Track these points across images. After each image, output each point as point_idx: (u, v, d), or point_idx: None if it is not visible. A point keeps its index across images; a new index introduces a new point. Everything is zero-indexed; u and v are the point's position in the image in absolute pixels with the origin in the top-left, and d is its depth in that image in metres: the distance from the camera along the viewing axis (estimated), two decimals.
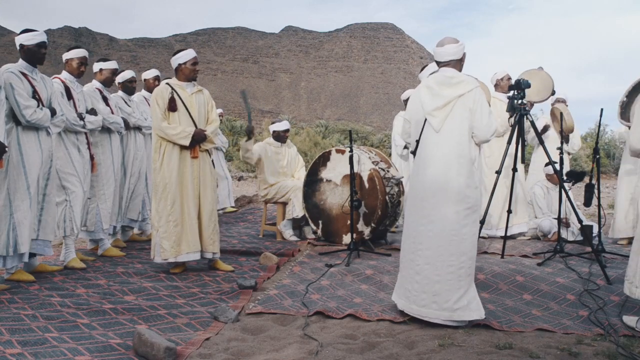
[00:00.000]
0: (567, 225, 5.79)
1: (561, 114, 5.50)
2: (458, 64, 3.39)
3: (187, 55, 4.45)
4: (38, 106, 3.98)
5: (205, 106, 4.54)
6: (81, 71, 4.69)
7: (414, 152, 3.47)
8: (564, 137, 6.05)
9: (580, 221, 4.75)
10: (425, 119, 3.34)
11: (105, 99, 5.08)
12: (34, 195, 3.99)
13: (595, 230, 5.40)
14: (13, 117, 3.91)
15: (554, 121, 6.18)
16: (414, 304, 3.26)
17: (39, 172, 4.03)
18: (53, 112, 4.11)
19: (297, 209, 5.94)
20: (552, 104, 6.61)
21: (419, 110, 3.40)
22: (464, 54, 3.41)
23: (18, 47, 4.08)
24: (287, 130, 6.34)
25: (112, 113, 5.08)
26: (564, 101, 6.80)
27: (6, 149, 3.64)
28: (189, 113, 4.41)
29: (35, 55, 4.06)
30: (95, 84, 5.13)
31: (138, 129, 5.53)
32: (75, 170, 4.53)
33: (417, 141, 3.40)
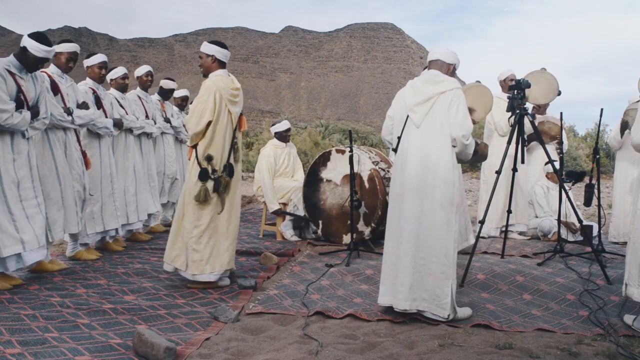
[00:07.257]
0: (574, 230, 5.76)
1: (561, 116, 5.49)
2: (445, 67, 3.47)
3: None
4: (22, 107, 3.79)
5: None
6: (69, 66, 4.46)
7: (395, 149, 3.53)
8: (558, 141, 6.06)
9: (580, 221, 4.75)
10: (408, 116, 3.41)
11: (98, 99, 4.87)
12: (12, 199, 3.78)
13: (595, 230, 5.40)
14: None
15: (544, 135, 6.11)
16: (400, 298, 3.29)
17: (14, 176, 3.81)
18: (36, 113, 3.91)
19: (298, 208, 5.94)
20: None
21: (402, 107, 3.48)
22: (454, 65, 3.50)
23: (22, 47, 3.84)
24: (288, 130, 6.35)
25: (106, 115, 4.91)
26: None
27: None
28: None
29: (40, 63, 3.90)
30: (89, 82, 4.92)
31: (129, 130, 5.44)
32: (57, 171, 4.29)
33: (399, 138, 3.46)
